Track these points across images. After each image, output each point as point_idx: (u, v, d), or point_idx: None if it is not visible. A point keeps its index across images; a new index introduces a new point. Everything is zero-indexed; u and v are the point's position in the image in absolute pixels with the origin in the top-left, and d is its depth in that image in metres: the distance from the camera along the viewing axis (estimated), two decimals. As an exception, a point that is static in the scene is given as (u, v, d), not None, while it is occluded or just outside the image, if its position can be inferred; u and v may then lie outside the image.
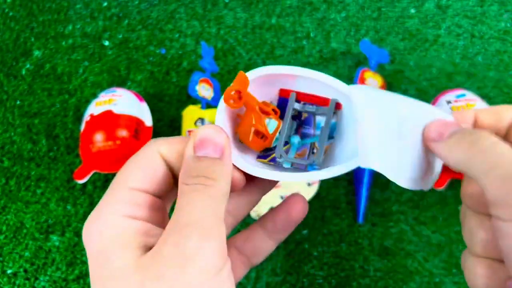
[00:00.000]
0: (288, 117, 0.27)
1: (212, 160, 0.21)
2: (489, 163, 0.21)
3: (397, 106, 0.26)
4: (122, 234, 0.20)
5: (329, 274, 0.42)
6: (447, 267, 0.42)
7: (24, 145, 0.50)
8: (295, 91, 0.27)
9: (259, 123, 0.26)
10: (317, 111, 0.27)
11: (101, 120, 0.44)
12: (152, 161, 0.22)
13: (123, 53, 0.55)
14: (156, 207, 0.22)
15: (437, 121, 0.25)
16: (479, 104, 0.43)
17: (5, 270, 0.44)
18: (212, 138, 0.22)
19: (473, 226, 0.24)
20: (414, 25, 0.54)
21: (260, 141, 0.26)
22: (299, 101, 0.27)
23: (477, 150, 0.21)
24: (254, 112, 0.26)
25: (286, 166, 0.26)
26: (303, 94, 0.27)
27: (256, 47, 0.54)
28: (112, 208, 0.21)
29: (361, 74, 0.47)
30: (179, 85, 0.52)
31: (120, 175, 0.22)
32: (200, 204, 0.20)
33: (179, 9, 0.57)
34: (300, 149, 0.27)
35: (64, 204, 0.47)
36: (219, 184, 0.21)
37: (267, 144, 0.27)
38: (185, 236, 0.19)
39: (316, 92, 0.27)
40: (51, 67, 0.55)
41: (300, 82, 0.27)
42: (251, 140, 0.26)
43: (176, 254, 0.19)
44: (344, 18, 0.55)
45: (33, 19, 0.58)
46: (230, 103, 0.25)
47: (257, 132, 0.26)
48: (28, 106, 0.52)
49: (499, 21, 0.53)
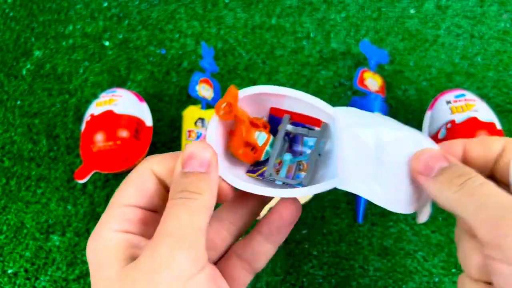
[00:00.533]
0: (281, 137, 0.28)
1: (197, 174, 0.23)
2: (477, 206, 0.21)
3: (380, 131, 0.26)
4: (111, 247, 0.22)
5: (329, 274, 0.42)
6: (447, 266, 0.42)
7: (25, 145, 0.50)
8: (288, 112, 0.28)
9: (249, 135, 0.27)
10: (308, 134, 0.28)
11: (102, 120, 0.44)
12: (144, 178, 0.24)
13: (123, 53, 0.55)
14: (149, 220, 0.24)
15: (425, 151, 0.25)
16: (478, 104, 0.43)
17: (5, 270, 0.44)
18: (198, 154, 0.23)
19: (468, 250, 0.24)
20: (414, 25, 0.54)
21: (250, 153, 0.27)
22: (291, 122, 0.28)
23: (466, 192, 0.22)
24: (244, 125, 0.27)
25: (278, 183, 0.27)
26: (294, 113, 0.28)
27: (256, 47, 0.54)
28: (106, 224, 0.23)
29: (361, 74, 0.47)
30: (179, 85, 0.53)
31: (116, 193, 0.24)
32: (179, 215, 0.21)
33: (179, 9, 0.57)
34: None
35: (65, 204, 0.47)
36: (203, 197, 0.22)
37: (257, 157, 0.28)
38: (159, 245, 0.20)
39: (305, 111, 0.28)
40: (51, 67, 0.55)
41: (289, 101, 0.28)
42: (241, 152, 0.27)
43: (150, 261, 0.20)
44: (344, 18, 0.55)
45: (34, 19, 0.58)
46: (220, 114, 0.26)
47: (247, 144, 0.27)
48: (28, 106, 0.52)
49: (498, 21, 0.54)
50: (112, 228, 0.23)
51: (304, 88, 0.51)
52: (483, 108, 0.43)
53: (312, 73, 0.52)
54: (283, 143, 0.29)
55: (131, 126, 0.45)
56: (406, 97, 0.50)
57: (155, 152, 0.49)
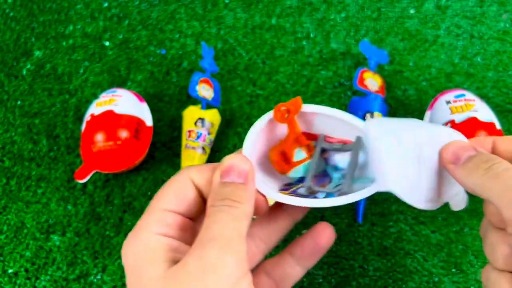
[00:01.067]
0: (318, 153, 0.30)
1: (237, 185, 0.24)
2: (503, 187, 0.23)
3: (414, 131, 0.28)
4: (153, 249, 0.23)
5: (329, 274, 0.42)
6: (446, 266, 0.42)
7: (25, 145, 0.50)
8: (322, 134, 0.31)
9: (289, 146, 0.29)
10: (342, 148, 0.30)
11: (102, 120, 0.44)
12: (184, 186, 0.25)
13: (123, 53, 0.55)
14: (186, 227, 0.25)
15: (454, 143, 0.27)
16: (478, 104, 0.43)
17: (6, 269, 0.44)
18: (237, 165, 0.24)
19: (495, 241, 0.25)
20: (414, 26, 0.54)
21: (282, 163, 0.29)
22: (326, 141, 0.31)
23: (492, 176, 0.24)
24: (291, 136, 0.29)
25: (320, 196, 0.29)
26: (328, 137, 0.31)
27: (256, 47, 0.54)
28: (146, 227, 0.24)
29: (361, 74, 0.47)
30: (179, 85, 0.53)
31: (156, 198, 0.25)
32: (223, 222, 0.22)
33: (179, 10, 0.58)
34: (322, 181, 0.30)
35: (65, 204, 0.47)
36: (243, 205, 0.23)
37: (286, 169, 0.30)
38: (207, 248, 0.21)
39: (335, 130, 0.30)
40: (51, 67, 0.55)
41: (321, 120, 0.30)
42: (275, 158, 0.29)
43: (198, 265, 0.21)
44: (344, 18, 0.55)
45: (34, 20, 0.58)
46: (277, 114, 0.28)
47: (283, 153, 0.29)
48: (28, 106, 0.52)
49: (498, 21, 0.54)
50: (153, 231, 0.23)
51: (304, 88, 0.52)
52: (482, 108, 0.43)
53: (312, 73, 0.52)
54: (319, 161, 0.30)
55: (131, 126, 0.45)
56: (406, 97, 0.50)
57: (155, 152, 0.49)
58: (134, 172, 0.48)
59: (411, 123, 0.29)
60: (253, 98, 0.51)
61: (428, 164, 0.28)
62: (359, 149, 0.30)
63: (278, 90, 0.52)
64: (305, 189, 0.29)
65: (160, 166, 0.48)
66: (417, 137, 0.28)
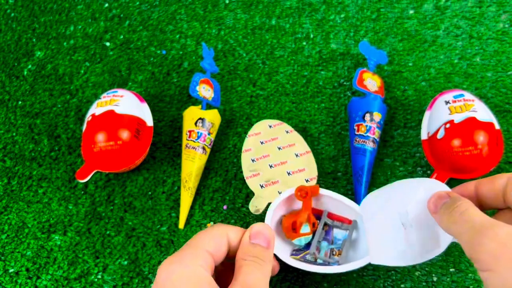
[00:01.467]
0: (321, 226, 0.40)
1: (262, 247, 0.31)
2: (461, 228, 0.28)
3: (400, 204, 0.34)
4: (201, 278, 0.28)
5: (328, 273, 0.42)
6: (445, 266, 0.42)
7: (26, 145, 0.51)
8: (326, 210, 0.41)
9: (300, 220, 0.39)
10: (341, 227, 0.40)
11: (103, 120, 0.44)
12: (222, 237, 0.31)
13: (124, 53, 0.55)
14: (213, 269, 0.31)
15: (435, 194, 0.32)
16: (477, 104, 0.43)
17: (7, 269, 0.44)
18: (263, 233, 0.31)
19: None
20: (413, 26, 0.54)
21: (291, 231, 0.39)
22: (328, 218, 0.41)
23: (454, 219, 0.29)
24: (305, 211, 0.39)
25: (319, 261, 0.39)
26: (330, 213, 0.41)
27: (256, 48, 0.55)
28: (194, 259, 0.29)
29: (360, 74, 0.47)
30: (180, 85, 0.53)
31: (199, 239, 0.30)
32: (255, 272, 0.29)
33: (179, 10, 0.58)
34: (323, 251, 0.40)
35: (66, 203, 0.47)
36: (267, 264, 0.31)
37: (292, 236, 0.39)
38: None
39: (337, 209, 0.41)
40: (52, 67, 0.55)
41: (326, 200, 0.40)
42: (286, 225, 0.39)
43: None
44: (343, 19, 0.56)
45: (35, 20, 0.58)
46: (297, 194, 0.39)
47: (294, 223, 0.39)
48: (29, 106, 0.53)
49: (497, 22, 0.54)
50: (198, 264, 0.29)
51: (304, 88, 0.52)
52: (481, 108, 0.43)
53: (312, 73, 0.53)
54: (321, 232, 0.40)
55: (132, 126, 0.45)
56: (405, 97, 0.50)
57: (155, 152, 0.49)
58: (135, 172, 0.48)
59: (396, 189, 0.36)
60: (253, 98, 0.52)
61: (416, 223, 0.33)
62: (353, 229, 0.40)
63: (278, 90, 0.52)
64: (310, 256, 0.39)
65: (160, 166, 0.48)
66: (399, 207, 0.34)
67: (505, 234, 0.25)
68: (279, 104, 0.51)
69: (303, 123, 0.50)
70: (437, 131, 0.43)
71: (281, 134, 0.47)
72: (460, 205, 0.29)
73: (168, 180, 0.48)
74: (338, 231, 0.41)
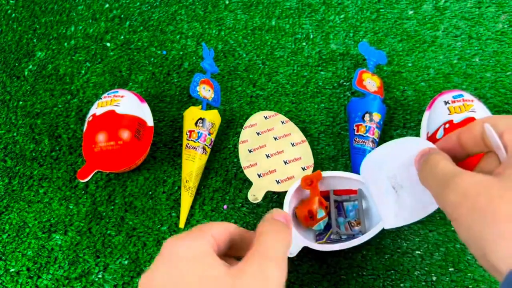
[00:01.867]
0: (333, 206, 0.42)
1: (283, 223, 0.32)
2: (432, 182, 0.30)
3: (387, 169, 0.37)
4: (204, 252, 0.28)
5: (328, 273, 0.42)
6: (444, 265, 0.42)
7: (27, 145, 0.51)
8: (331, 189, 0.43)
9: (313, 207, 0.41)
10: (349, 199, 0.43)
11: (104, 120, 0.45)
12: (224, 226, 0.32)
13: (124, 54, 0.55)
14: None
15: (419, 153, 0.33)
16: (476, 104, 0.44)
17: (8, 268, 0.45)
18: (283, 214, 0.33)
19: None
20: (412, 27, 0.55)
21: (308, 219, 0.41)
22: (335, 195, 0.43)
23: (426, 174, 0.31)
24: (314, 198, 0.41)
25: (344, 237, 0.41)
26: (335, 190, 0.43)
27: (256, 48, 0.55)
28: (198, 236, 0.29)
29: (360, 75, 0.48)
30: (180, 86, 0.53)
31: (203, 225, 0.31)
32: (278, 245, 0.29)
33: (180, 11, 0.58)
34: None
35: (67, 203, 0.47)
36: (288, 237, 0.31)
37: (311, 224, 0.41)
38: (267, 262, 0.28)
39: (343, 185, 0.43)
40: (53, 68, 0.55)
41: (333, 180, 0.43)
42: (303, 215, 0.41)
43: (259, 273, 0.27)
44: (343, 19, 0.56)
45: (36, 21, 0.59)
46: (303, 183, 0.42)
47: (310, 212, 0.41)
48: (30, 107, 0.53)
49: (496, 22, 0.54)
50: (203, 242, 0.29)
51: (304, 88, 0.52)
52: (480, 108, 0.44)
53: (312, 73, 0.53)
54: (334, 210, 0.42)
55: (133, 126, 0.45)
56: (405, 97, 0.50)
57: (156, 152, 0.49)
58: (135, 172, 0.48)
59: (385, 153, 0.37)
60: (253, 98, 0.52)
61: (409, 184, 0.35)
62: (361, 198, 0.42)
63: (278, 90, 0.52)
64: (334, 235, 0.41)
65: (161, 166, 0.49)
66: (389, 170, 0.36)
67: (466, 184, 0.26)
68: (279, 104, 0.51)
69: (303, 123, 0.50)
70: (436, 131, 0.44)
71: (277, 124, 0.47)
72: (431, 159, 0.30)
73: (168, 180, 0.48)
74: (347, 204, 0.43)
